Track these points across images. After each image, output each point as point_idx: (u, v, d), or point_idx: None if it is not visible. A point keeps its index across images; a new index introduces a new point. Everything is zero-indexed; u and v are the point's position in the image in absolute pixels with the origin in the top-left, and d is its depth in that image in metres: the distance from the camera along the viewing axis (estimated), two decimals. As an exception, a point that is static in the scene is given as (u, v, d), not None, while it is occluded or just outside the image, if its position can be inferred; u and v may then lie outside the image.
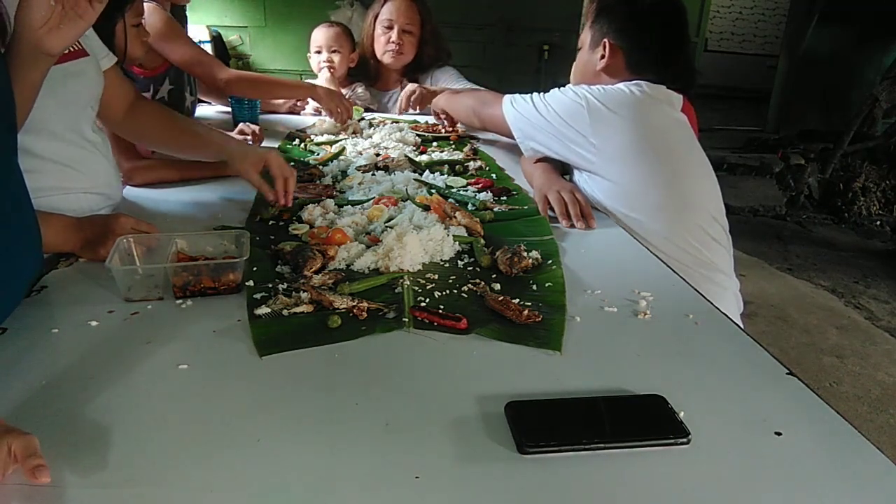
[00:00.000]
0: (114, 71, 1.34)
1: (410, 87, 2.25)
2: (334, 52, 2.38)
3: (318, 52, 2.39)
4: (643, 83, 1.44)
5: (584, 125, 1.42)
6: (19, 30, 0.91)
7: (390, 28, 2.35)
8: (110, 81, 1.31)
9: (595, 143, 1.41)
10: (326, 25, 2.42)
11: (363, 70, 2.50)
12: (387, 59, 2.40)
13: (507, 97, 1.62)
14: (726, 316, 1.00)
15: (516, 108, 1.58)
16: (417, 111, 2.28)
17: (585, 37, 1.59)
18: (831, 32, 5.27)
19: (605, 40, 1.51)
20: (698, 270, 1.37)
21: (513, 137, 1.62)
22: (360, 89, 2.47)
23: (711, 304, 1.04)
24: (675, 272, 1.16)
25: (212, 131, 1.48)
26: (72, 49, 1.16)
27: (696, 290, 1.09)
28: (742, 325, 1.11)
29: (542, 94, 1.53)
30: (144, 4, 1.65)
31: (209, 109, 2.39)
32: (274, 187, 1.31)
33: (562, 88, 1.50)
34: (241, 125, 1.95)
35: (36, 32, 0.90)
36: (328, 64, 2.37)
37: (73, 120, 1.19)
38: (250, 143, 1.84)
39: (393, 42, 2.35)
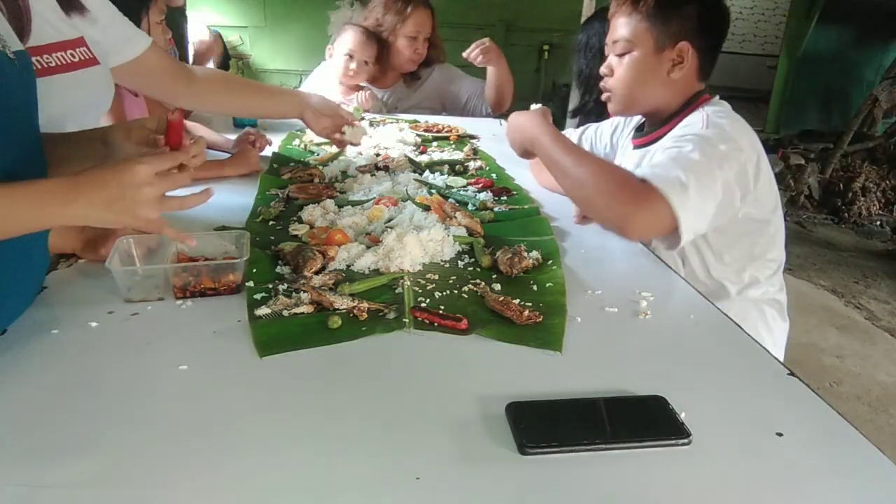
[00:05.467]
0: (154, 50, 1.32)
1: (483, 40, 2.33)
2: (365, 62, 2.38)
3: (350, 57, 2.37)
4: (725, 108, 1.28)
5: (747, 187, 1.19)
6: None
7: (415, 40, 2.42)
8: (154, 61, 1.31)
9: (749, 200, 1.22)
10: (363, 32, 2.39)
11: None
12: (409, 66, 2.47)
13: (670, 186, 1.08)
14: (726, 316, 1.00)
15: (698, 204, 1.10)
16: (479, 62, 2.35)
17: (642, 40, 1.27)
18: (831, 32, 5.28)
19: (684, 43, 1.25)
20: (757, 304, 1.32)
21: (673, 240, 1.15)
22: (365, 94, 2.47)
23: (712, 304, 1.04)
24: (675, 272, 1.16)
25: (281, 88, 1.64)
26: (82, 58, 1.16)
27: (696, 290, 1.08)
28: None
29: (703, 155, 1.13)
30: None
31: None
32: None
33: (708, 138, 1.17)
34: (245, 131, 1.86)
35: None
36: (354, 73, 2.38)
37: (78, 126, 1.19)
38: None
39: (418, 52, 2.44)
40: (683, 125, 1.26)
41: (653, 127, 1.36)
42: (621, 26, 1.30)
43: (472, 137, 2.08)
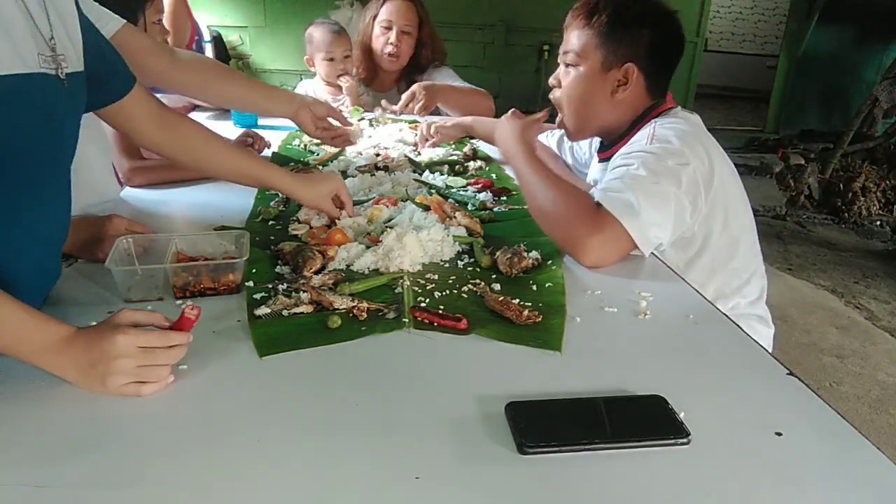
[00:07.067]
0: (128, 29, 1.27)
1: (415, 87, 2.19)
2: (346, 56, 2.35)
3: (332, 59, 2.34)
4: (679, 118, 1.26)
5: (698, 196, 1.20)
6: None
7: (389, 29, 2.34)
8: (129, 39, 1.25)
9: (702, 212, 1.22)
10: (331, 29, 2.36)
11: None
12: (384, 63, 2.40)
13: (619, 207, 1.10)
14: (726, 316, 1.00)
15: (651, 217, 1.11)
16: (419, 115, 2.21)
17: (590, 56, 1.27)
18: (831, 32, 5.27)
19: (631, 65, 1.25)
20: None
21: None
22: (351, 82, 2.45)
23: (712, 304, 1.04)
24: (674, 272, 1.16)
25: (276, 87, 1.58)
26: None
27: (696, 290, 1.08)
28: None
29: (651, 176, 1.14)
30: None
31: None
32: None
33: (654, 153, 1.17)
34: (244, 132, 1.84)
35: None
36: (343, 69, 2.35)
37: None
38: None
39: (391, 44, 2.34)
40: (631, 142, 1.27)
41: (611, 142, 1.36)
42: (574, 38, 1.30)
43: (472, 138, 2.08)
